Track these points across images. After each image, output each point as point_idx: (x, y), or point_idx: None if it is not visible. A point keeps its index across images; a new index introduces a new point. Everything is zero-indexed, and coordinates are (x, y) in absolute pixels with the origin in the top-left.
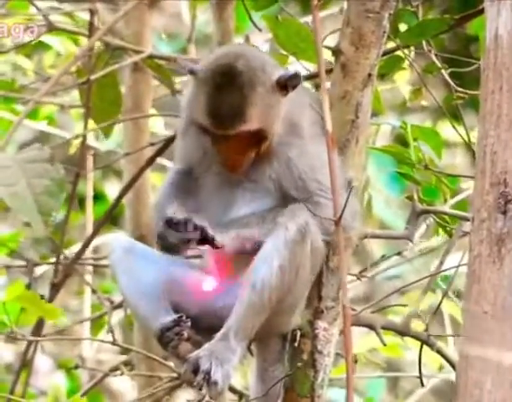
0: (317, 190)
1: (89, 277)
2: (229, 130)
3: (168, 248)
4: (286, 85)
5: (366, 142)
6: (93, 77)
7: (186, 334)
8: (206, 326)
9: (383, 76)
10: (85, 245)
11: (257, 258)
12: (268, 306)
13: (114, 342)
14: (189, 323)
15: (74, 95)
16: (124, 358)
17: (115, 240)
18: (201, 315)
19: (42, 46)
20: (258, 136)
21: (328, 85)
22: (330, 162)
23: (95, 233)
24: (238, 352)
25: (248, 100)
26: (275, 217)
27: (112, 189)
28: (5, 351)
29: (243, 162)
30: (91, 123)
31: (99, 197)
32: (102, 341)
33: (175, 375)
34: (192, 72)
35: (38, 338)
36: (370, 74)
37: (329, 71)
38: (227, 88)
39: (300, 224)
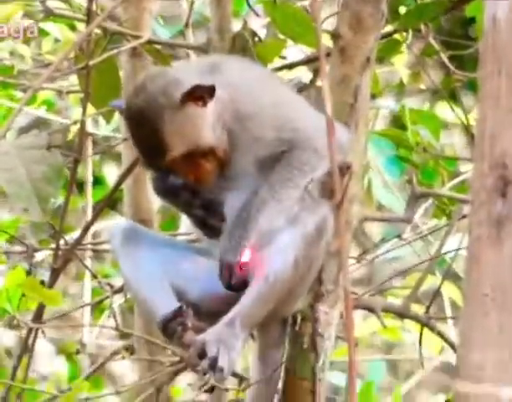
0: (294, 139)
1: (88, 262)
2: (160, 163)
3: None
4: (198, 96)
5: (366, 126)
6: (91, 62)
7: (189, 323)
8: (207, 310)
9: (381, 60)
10: (85, 230)
11: (272, 249)
12: (278, 297)
13: (116, 328)
14: (191, 311)
15: (73, 80)
16: (124, 342)
17: (117, 225)
18: (202, 299)
19: (40, 32)
20: (198, 153)
21: (327, 69)
22: (330, 147)
23: (95, 218)
24: (242, 338)
25: (160, 131)
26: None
27: (111, 174)
28: (5, 336)
29: (204, 176)
30: (90, 108)
31: (98, 181)
32: (104, 326)
33: (177, 359)
34: (121, 112)
35: (40, 325)
36: (368, 58)
37: (327, 55)
38: (139, 128)
39: (319, 222)
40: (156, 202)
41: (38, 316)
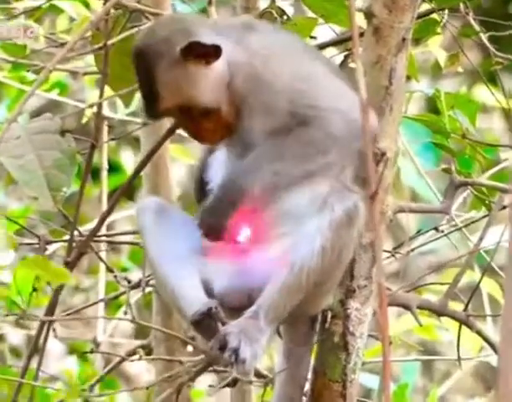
0: (311, 107)
1: (103, 255)
2: (150, 113)
3: None
4: (201, 54)
5: (400, 111)
6: (110, 42)
7: (223, 320)
8: (231, 305)
9: (417, 41)
10: (101, 221)
11: (297, 236)
12: (304, 289)
13: (133, 320)
14: (221, 311)
15: (88, 61)
16: (140, 342)
17: (146, 200)
18: (227, 294)
19: (53, 9)
20: (193, 109)
21: (360, 50)
22: (364, 131)
23: (112, 208)
24: (266, 333)
25: (154, 78)
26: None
27: (128, 160)
28: (12, 334)
29: (205, 133)
30: (107, 91)
31: (114, 168)
32: (120, 318)
33: (197, 359)
34: None
35: (53, 318)
36: (404, 39)
37: (360, 35)
38: (139, 70)
39: (349, 208)
40: (176, 189)
41: (50, 311)
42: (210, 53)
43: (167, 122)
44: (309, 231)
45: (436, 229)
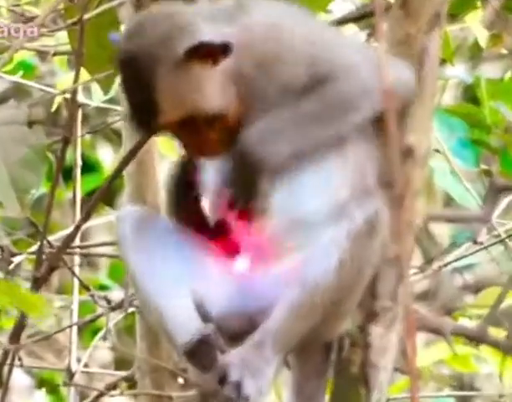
0: (331, 71)
1: (77, 270)
2: (151, 126)
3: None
4: (208, 53)
5: (432, 100)
6: (86, 16)
7: (221, 349)
8: (229, 330)
9: (453, 17)
10: (75, 230)
11: (310, 250)
12: (319, 311)
13: (113, 348)
14: (219, 338)
15: (59, 38)
16: (122, 373)
17: (126, 209)
18: (225, 317)
19: None
20: (199, 119)
21: (385, 27)
22: (390, 132)
23: (88, 214)
24: (273, 364)
25: (153, 88)
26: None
27: (106, 157)
28: None
29: (210, 147)
30: (83, 74)
31: (89, 167)
32: (98, 345)
33: (190, 394)
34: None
35: (19, 345)
36: (438, 14)
37: (385, 9)
38: (130, 78)
39: (370, 215)
40: (163, 193)
41: (15, 337)
42: (217, 51)
43: None
44: (324, 242)
45: (474, 240)
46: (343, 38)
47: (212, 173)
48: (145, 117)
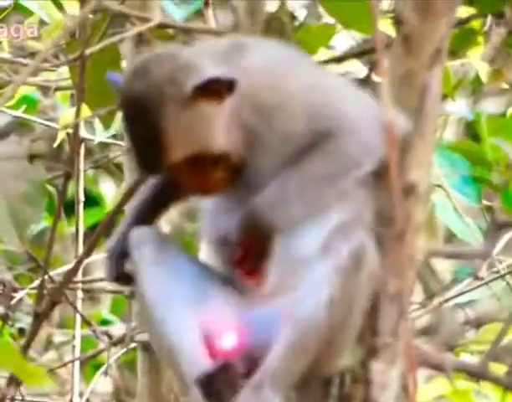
0: (333, 126)
1: (79, 305)
2: (157, 167)
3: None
4: (214, 90)
5: (434, 136)
6: (88, 51)
7: (239, 383)
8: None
9: (454, 52)
10: (77, 265)
11: (300, 288)
12: (314, 347)
13: (116, 393)
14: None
15: (61, 73)
16: None
17: (142, 231)
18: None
19: (20, 10)
20: (205, 159)
21: (386, 63)
22: (391, 163)
23: (90, 249)
24: None
25: (161, 128)
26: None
27: (108, 191)
28: None
29: (212, 186)
30: (84, 109)
31: (91, 201)
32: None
33: None
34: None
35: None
36: (439, 50)
37: (387, 46)
38: (135, 119)
39: (354, 247)
40: (166, 228)
41: (15, 377)
42: (223, 88)
43: None
44: (313, 280)
45: (475, 276)
46: (343, 87)
47: (218, 225)
48: (150, 157)
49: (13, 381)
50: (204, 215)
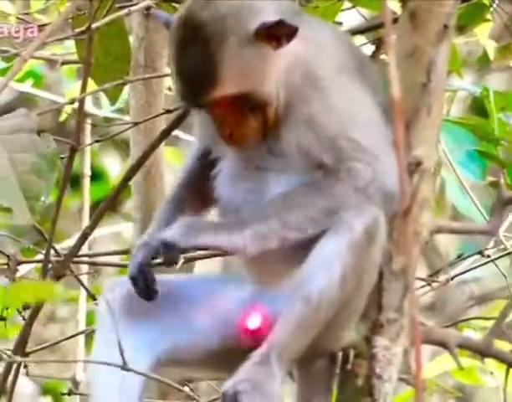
0: (350, 150)
1: (84, 278)
2: (197, 100)
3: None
4: (276, 35)
5: (440, 112)
6: (94, 25)
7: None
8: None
9: (461, 29)
10: (82, 239)
11: (312, 262)
12: (323, 321)
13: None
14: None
15: (67, 47)
16: None
17: (119, 281)
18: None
19: None
20: (250, 101)
21: (393, 39)
22: (397, 139)
23: (95, 223)
24: (279, 378)
25: (216, 57)
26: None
27: (114, 166)
28: None
29: (244, 134)
30: (90, 84)
31: (97, 175)
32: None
33: None
34: (167, 25)
35: (25, 359)
36: (446, 26)
37: (394, 21)
38: (190, 46)
39: (369, 223)
40: None
41: (21, 346)
42: (283, 35)
43: (160, 122)
44: (326, 255)
45: (480, 253)
46: (371, 114)
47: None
48: (197, 88)
49: (20, 346)
50: (219, 176)
